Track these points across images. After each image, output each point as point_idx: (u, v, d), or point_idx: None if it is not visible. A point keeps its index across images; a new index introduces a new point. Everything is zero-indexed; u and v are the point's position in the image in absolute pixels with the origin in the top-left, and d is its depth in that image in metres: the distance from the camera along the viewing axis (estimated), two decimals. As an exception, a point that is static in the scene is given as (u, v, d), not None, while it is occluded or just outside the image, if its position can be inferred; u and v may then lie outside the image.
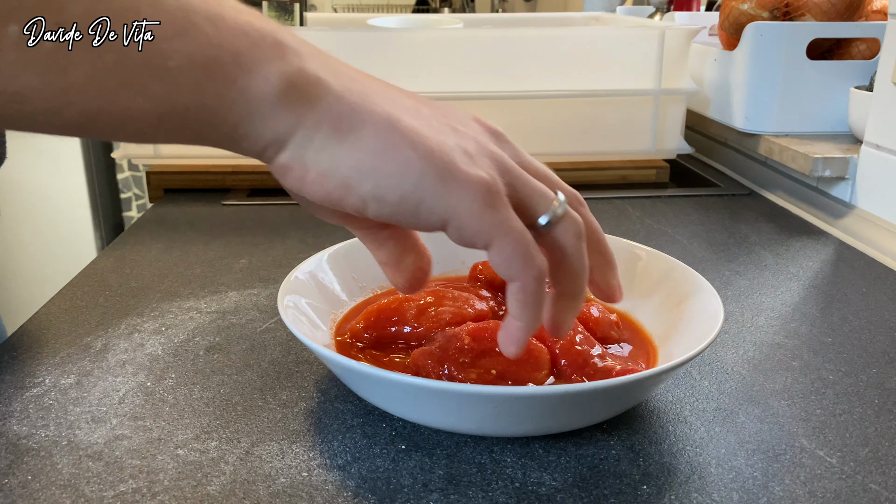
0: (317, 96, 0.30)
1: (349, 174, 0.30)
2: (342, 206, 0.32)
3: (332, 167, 0.30)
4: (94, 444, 0.40)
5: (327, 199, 0.31)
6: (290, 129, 0.30)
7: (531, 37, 0.88)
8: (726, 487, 0.36)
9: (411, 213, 0.31)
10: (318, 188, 0.31)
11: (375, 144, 0.30)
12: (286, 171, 0.31)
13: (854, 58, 0.90)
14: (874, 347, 0.51)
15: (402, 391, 0.38)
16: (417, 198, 0.30)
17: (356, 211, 0.32)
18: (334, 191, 0.31)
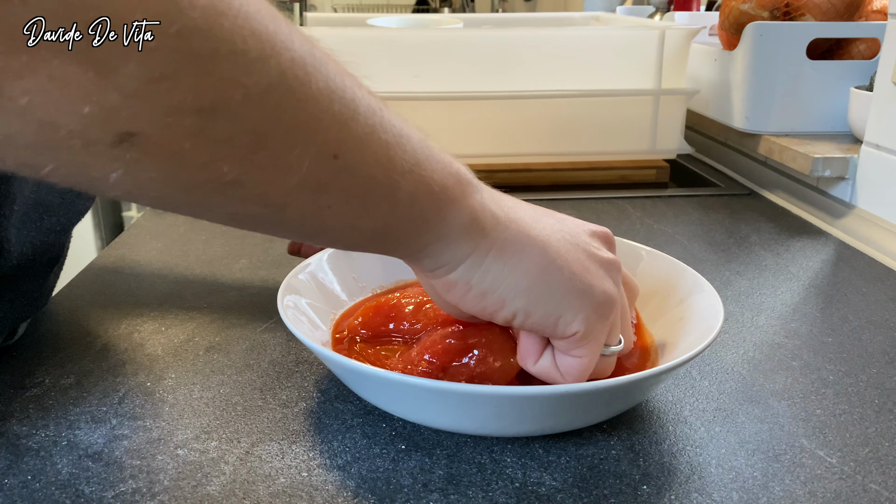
0: (490, 227, 0.35)
1: (506, 293, 0.35)
2: (492, 318, 0.36)
3: (494, 287, 0.35)
4: (94, 444, 0.39)
5: (482, 311, 0.36)
6: (465, 255, 0.34)
7: (531, 37, 0.88)
8: (726, 487, 0.36)
9: (551, 326, 0.36)
10: (476, 303, 0.36)
11: (530, 267, 0.35)
12: (451, 287, 0.36)
13: (854, 58, 0.90)
14: (874, 347, 0.51)
15: (402, 391, 0.37)
16: (559, 313, 0.35)
17: (504, 322, 0.36)
18: (490, 306, 0.36)
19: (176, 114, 0.23)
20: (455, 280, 0.35)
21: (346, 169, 0.29)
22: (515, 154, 0.92)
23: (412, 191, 0.31)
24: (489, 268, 0.34)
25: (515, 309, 0.35)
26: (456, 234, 0.34)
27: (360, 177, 0.29)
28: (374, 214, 0.31)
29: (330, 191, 0.29)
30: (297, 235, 0.33)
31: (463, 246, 0.34)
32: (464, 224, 0.34)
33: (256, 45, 0.24)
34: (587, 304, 0.36)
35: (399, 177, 0.31)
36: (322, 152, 0.27)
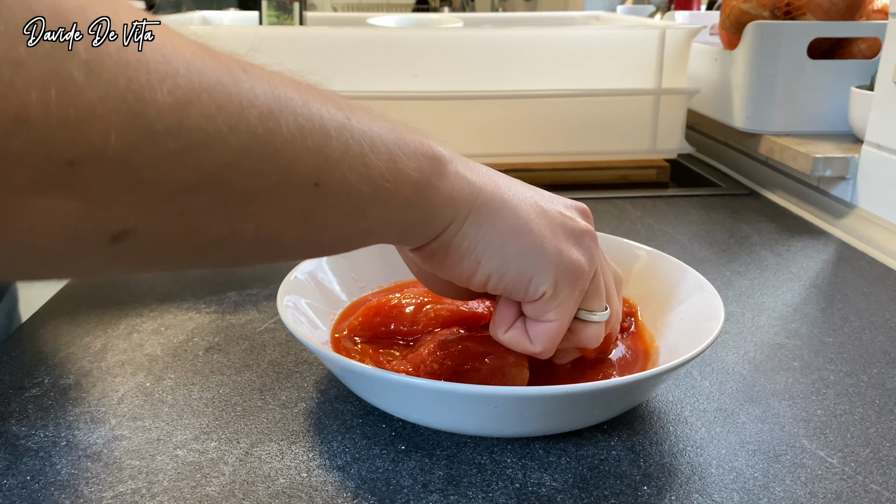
0: (466, 195, 0.35)
1: (481, 254, 0.36)
2: (469, 282, 0.37)
3: (470, 249, 0.35)
4: (93, 445, 0.39)
5: (459, 275, 0.36)
6: (445, 225, 0.35)
7: (531, 36, 0.88)
8: (727, 488, 0.36)
9: (522, 288, 0.36)
10: (453, 268, 0.36)
11: (503, 227, 0.36)
12: (430, 256, 0.36)
13: (855, 57, 0.90)
14: (875, 347, 0.51)
15: (403, 392, 0.37)
16: (530, 274, 0.36)
17: (480, 285, 0.37)
18: (467, 268, 0.36)
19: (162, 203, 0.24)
20: (434, 248, 0.35)
21: (329, 192, 0.29)
22: (515, 154, 0.92)
23: (392, 186, 0.32)
24: (466, 232, 0.35)
25: (490, 270, 0.36)
26: (438, 210, 0.34)
27: (343, 193, 0.30)
28: (360, 220, 0.31)
29: (317, 214, 0.29)
30: (294, 257, 0.33)
31: (443, 218, 0.35)
32: (443, 199, 0.34)
33: (224, 118, 0.24)
34: (557, 267, 0.36)
35: (379, 178, 0.31)
36: (303, 184, 0.28)
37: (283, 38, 0.85)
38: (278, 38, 0.85)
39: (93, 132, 0.21)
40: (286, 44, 0.83)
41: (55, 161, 0.21)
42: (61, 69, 0.20)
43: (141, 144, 0.22)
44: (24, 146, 0.20)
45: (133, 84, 0.22)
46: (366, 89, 0.84)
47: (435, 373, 0.39)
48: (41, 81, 0.20)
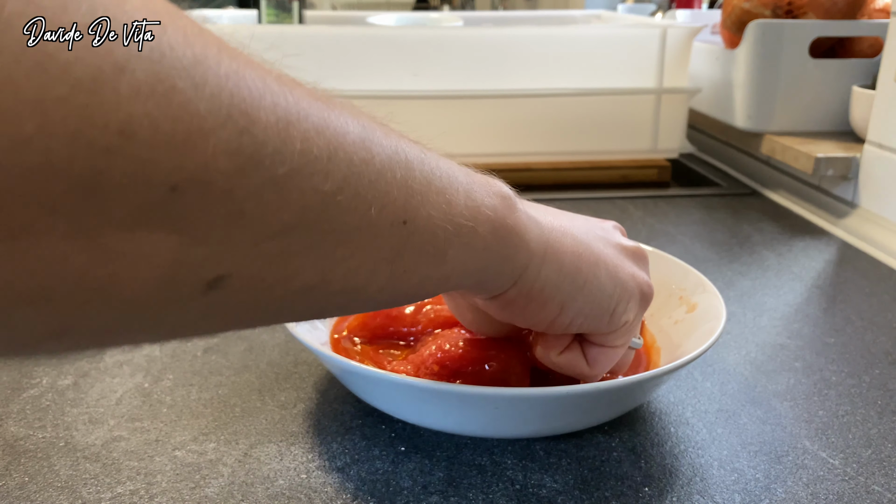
0: (537, 236, 0.33)
1: (564, 296, 0.34)
2: (551, 326, 0.35)
3: (553, 294, 0.34)
4: (92, 446, 0.39)
5: (542, 321, 0.35)
6: (522, 269, 0.33)
7: (532, 35, 0.88)
8: (728, 489, 0.36)
9: (605, 321, 0.36)
10: (535, 314, 0.34)
11: (581, 266, 0.34)
12: (508, 305, 0.34)
13: (857, 56, 0.89)
14: (877, 348, 0.50)
15: (403, 393, 0.37)
16: (611, 308, 0.35)
17: (561, 327, 0.35)
18: (550, 313, 0.34)
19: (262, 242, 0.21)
20: (514, 297, 0.34)
21: (416, 231, 0.27)
22: (516, 153, 0.91)
23: (472, 225, 0.30)
24: (546, 275, 0.33)
25: (575, 311, 0.35)
26: (513, 252, 0.33)
27: (428, 232, 0.28)
28: (442, 263, 0.30)
29: (404, 257, 0.27)
30: (373, 307, 0.30)
31: (519, 259, 0.33)
32: (516, 240, 0.33)
33: (323, 144, 0.22)
34: (633, 293, 0.36)
35: (459, 217, 0.29)
36: (393, 222, 0.26)
37: (282, 37, 0.84)
38: (277, 36, 0.85)
39: (199, 152, 0.18)
40: (285, 43, 0.83)
41: (158, 187, 0.18)
42: (164, 75, 0.18)
43: (246, 169, 0.20)
44: (127, 167, 0.17)
45: (236, 98, 0.19)
46: (365, 88, 0.84)
47: (435, 374, 0.39)
48: (147, 88, 0.17)
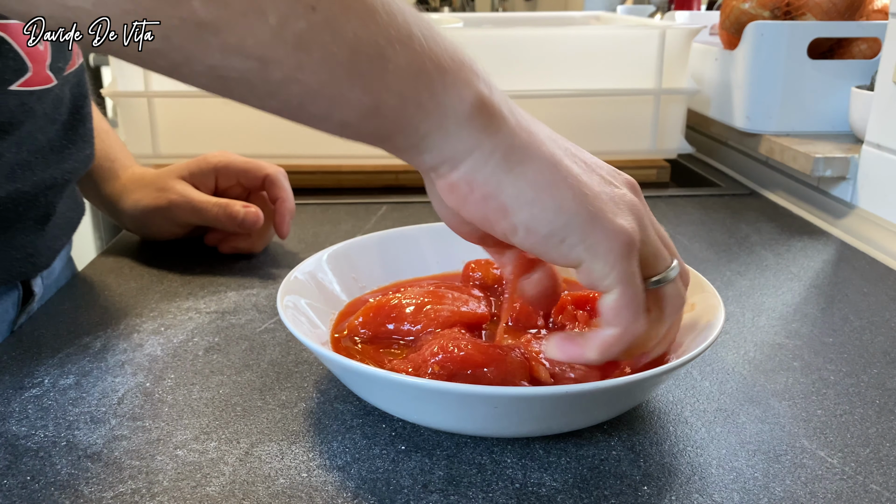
0: (496, 126, 0.33)
1: (509, 201, 0.33)
2: (492, 229, 0.34)
3: (496, 192, 0.33)
4: (93, 445, 0.39)
5: (483, 219, 0.34)
6: (468, 151, 0.33)
7: (531, 36, 0.88)
8: (727, 488, 0.36)
9: (554, 247, 0.33)
10: (477, 208, 0.34)
11: (538, 179, 0.33)
12: (453, 189, 0.34)
13: (855, 57, 0.90)
14: (875, 348, 0.51)
15: (403, 392, 0.37)
16: (564, 234, 0.33)
17: (503, 235, 0.34)
18: (491, 213, 0.33)
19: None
20: (457, 180, 0.33)
21: (326, 24, 0.28)
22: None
23: (402, 64, 0.30)
24: (493, 171, 0.33)
25: (517, 221, 0.33)
26: (456, 125, 0.32)
27: (343, 37, 0.28)
28: (361, 84, 0.30)
29: (311, 48, 0.28)
30: (285, 108, 0.31)
31: (465, 139, 0.32)
32: (464, 114, 0.32)
33: None
34: (597, 231, 0.33)
35: (386, 44, 0.30)
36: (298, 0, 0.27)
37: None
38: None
39: None
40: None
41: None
42: None
43: None
44: None
45: None
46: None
47: (436, 375, 0.39)
48: None
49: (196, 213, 0.64)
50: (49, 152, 0.53)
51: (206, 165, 0.66)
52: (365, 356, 0.44)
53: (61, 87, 0.53)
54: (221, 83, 0.29)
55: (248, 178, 0.67)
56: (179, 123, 0.89)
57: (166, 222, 0.66)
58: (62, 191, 0.55)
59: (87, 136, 0.57)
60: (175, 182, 0.65)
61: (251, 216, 0.63)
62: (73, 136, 0.56)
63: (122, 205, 0.67)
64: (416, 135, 0.32)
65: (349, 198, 0.85)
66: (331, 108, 0.31)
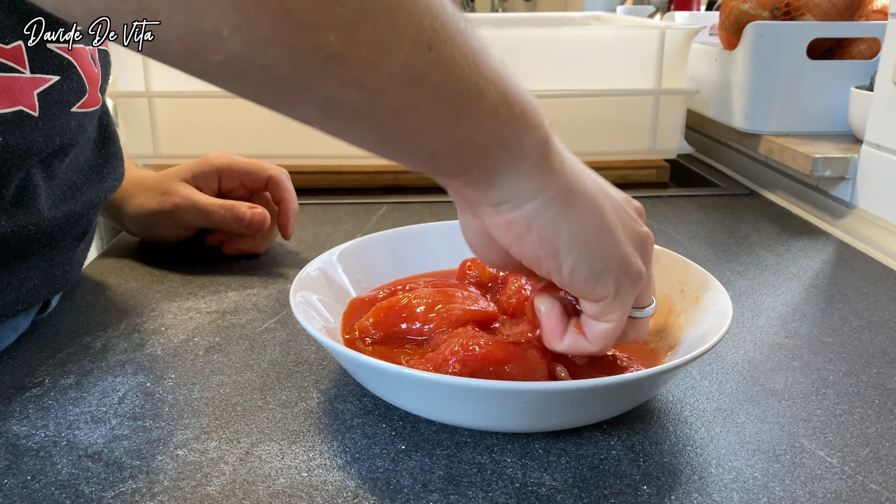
0: (559, 170, 0.35)
1: (562, 246, 0.35)
2: (538, 267, 0.36)
3: (554, 236, 0.35)
4: (94, 445, 0.39)
5: (533, 258, 0.36)
6: (535, 192, 0.34)
7: (531, 37, 0.88)
8: (727, 488, 0.36)
9: (589, 287, 0.37)
10: (531, 248, 0.36)
11: (588, 225, 0.36)
12: (511, 226, 0.35)
13: (854, 57, 0.90)
14: (875, 347, 0.51)
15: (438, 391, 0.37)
16: (600, 277, 0.36)
17: (546, 273, 0.37)
18: (543, 254, 0.36)
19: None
20: (518, 219, 0.35)
21: (438, 63, 0.29)
22: (515, 154, 0.91)
23: (496, 104, 0.32)
24: (553, 216, 0.35)
25: (564, 263, 0.36)
26: (529, 166, 0.34)
27: (451, 75, 0.30)
28: (459, 121, 0.31)
29: (423, 85, 0.29)
30: (383, 140, 0.32)
31: (534, 181, 0.34)
32: (538, 157, 0.34)
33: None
34: (623, 272, 0.37)
35: (485, 84, 0.31)
36: (418, 40, 0.28)
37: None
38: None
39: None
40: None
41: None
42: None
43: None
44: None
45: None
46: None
47: (457, 373, 0.39)
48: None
49: (201, 215, 0.64)
50: (90, 172, 0.54)
51: (209, 167, 0.66)
52: (378, 356, 0.44)
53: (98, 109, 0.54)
54: (330, 114, 0.30)
55: (251, 179, 0.67)
56: (180, 123, 0.89)
57: (171, 225, 0.66)
58: (98, 208, 0.56)
59: (118, 153, 0.58)
60: (178, 185, 0.65)
61: (258, 217, 0.63)
62: (107, 155, 0.56)
63: (126, 210, 0.67)
64: (491, 171, 0.34)
65: (349, 198, 0.86)
66: (424, 142, 0.32)
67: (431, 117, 0.30)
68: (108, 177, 0.56)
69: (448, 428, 0.41)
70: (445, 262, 0.55)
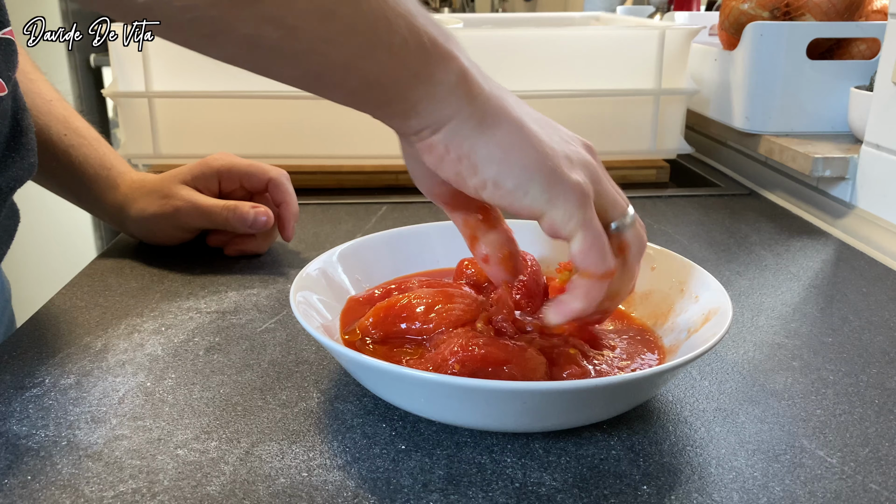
0: (474, 94, 0.37)
1: (480, 161, 0.37)
2: (464, 185, 0.38)
3: (469, 152, 0.37)
4: (94, 445, 0.39)
5: (456, 177, 0.38)
6: (449, 117, 0.37)
7: (531, 37, 0.88)
8: (726, 487, 0.36)
9: (518, 199, 0.38)
10: (451, 167, 0.38)
11: (505, 140, 0.38)
12: (431, 149, 0.38)
13: (854, 58, 0.90)
14: (874, 347, 0.51)
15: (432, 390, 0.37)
16: (527, 188, 0.37)
17: (474, 191, 0.38)
18: (464, 171, 0.38)
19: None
20: (436, 142, 0.37)
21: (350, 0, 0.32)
22: (515, 154, 0.91)
23: (405, 36, 0.34)
24: (468, 134, 0.37)
25: (486, 177, 0.38)
26: (443, 93, 0.36)
27: (360, 9, 0.32)
28: (372, 54, 0.34)
29: (334, 19, 0.32)
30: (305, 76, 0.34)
31: (448, 106, 0.37)
32: (451, 84, 0.36)
33: None
34: (556, 184, 0.38)
35: (394, 18, 0.34)
36: None
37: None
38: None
39: None
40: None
41: None
42: None
43: None
44: None
45: None
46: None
47: (457, 374, 0.39)
48: None
49: (204, 217, 0.64)
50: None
51: (209, 169, 0.66)
52: (378, 357, 0.44)
53: (6, 98, 0.53)
54: (251, 52, 0.32)
55: (251, 181, 0.67)
56: (179, 123, 0.89)
57: (173, 228, 0.66)
58: (5, 200, 0.55)
59: (29, 145, 0.56)
60: (179, 188, 0.65)
61: (262, 217, 0.64)
62: (15, 146, 0.55)
63: (127, 214, 0.66)
64: (408, 102, 0.36)
65: (349, 198, 0.86)
66: (345, 76, 0.34)
67: (345, 52, 0.33)
68: (11, 167, 0.55)
69: (448, 428, 0.41)
70: (445, 261, 0.55)
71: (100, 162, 0.67)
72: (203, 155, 0.68)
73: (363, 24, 0.33)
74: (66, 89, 2.07)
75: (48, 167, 0.64)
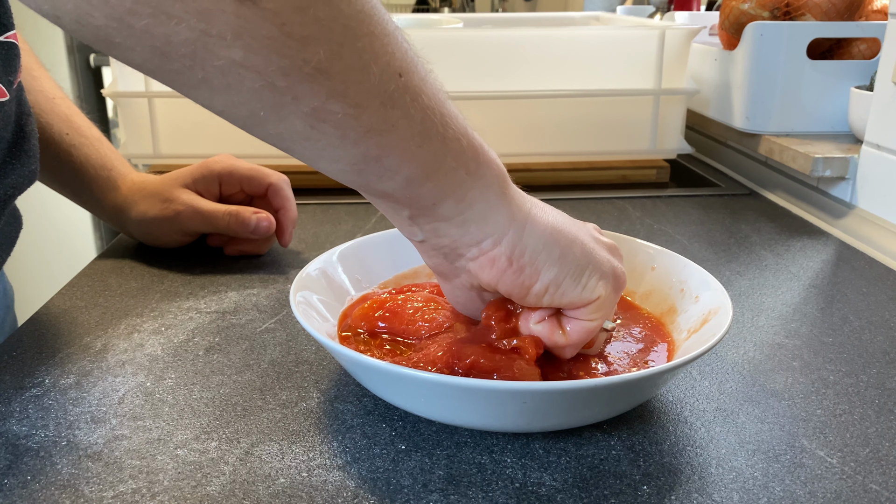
0: (517, 200, 0.38)
1: (541, 264, 0.38)
2: (525, 295, 0.39)
3: (532, 259, 0.38)
4: (94, 445, 0.39)
5: (519, 288, 0.39)
6: (507, 224, 0.37)
7: (531, 37, 0.88)
8: (727, 488, 0.36)
9: (578, 292, 0.39)
10: (514, 279, 0.38)
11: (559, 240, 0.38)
12: (493, 263, 0.38)
13: (854, 57, 0.90)
14: (874, 347, 0.51)
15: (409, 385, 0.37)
16: (586, 280, 0.39)
17: (536, 297, 0.39)
18: (527, 279, 0.38)
19: None
20: (498, 255, 0.37)
21: (408, 89, 0.33)
22: (515, 154, 0.92)
23: (457, 134, 0.35)
24: (527, 241, 0.37)
25: (548, 280, 0.38)
26: (496, 196, 0.37)
27: (418, 101, 0.33)
28: (429, 143, 0.34)
29: (396, 105, 0.32)
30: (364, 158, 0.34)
31: (503, 213, 0.37)
32: (499, 188, 0.37)
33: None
34: (606, 271, 0.39)
35: (448, 118, 0.35)
36: (390, 65, 0.32)
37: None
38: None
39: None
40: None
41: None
42: None
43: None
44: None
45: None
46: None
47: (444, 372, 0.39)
48: None
49: (206, 221, 0.64)
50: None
51: (210, 173, 0.66)
52: (371, 350, 0.44)
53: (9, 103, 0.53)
54: (315, 126, 0.32)
55: (251, 185, 0.67)
56: (179, 123, 0.89)
57: (174, 232, 0.66)
58: (5, 206, 0.55)
59: (31, 151, 0.56)
60: (179, 192, 0.65)
61: (263, 222, 0.64)
62: (17, 153, 0.55)
63: (128, 216, 0.66)
64: (464, 201, 0.36)
65: (349, 198, 0.86)
66: (400, 163, 0.34)
67: (405, 137, 0.33)
68: (12, 173, 0.55)
69: (448, 428, 0.41)
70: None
71: (101, 163, 0.66)
72: (203, 155, 0.68)
73: (421, 116, 0.33)
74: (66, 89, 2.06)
75: (50, 166, 0.64)
